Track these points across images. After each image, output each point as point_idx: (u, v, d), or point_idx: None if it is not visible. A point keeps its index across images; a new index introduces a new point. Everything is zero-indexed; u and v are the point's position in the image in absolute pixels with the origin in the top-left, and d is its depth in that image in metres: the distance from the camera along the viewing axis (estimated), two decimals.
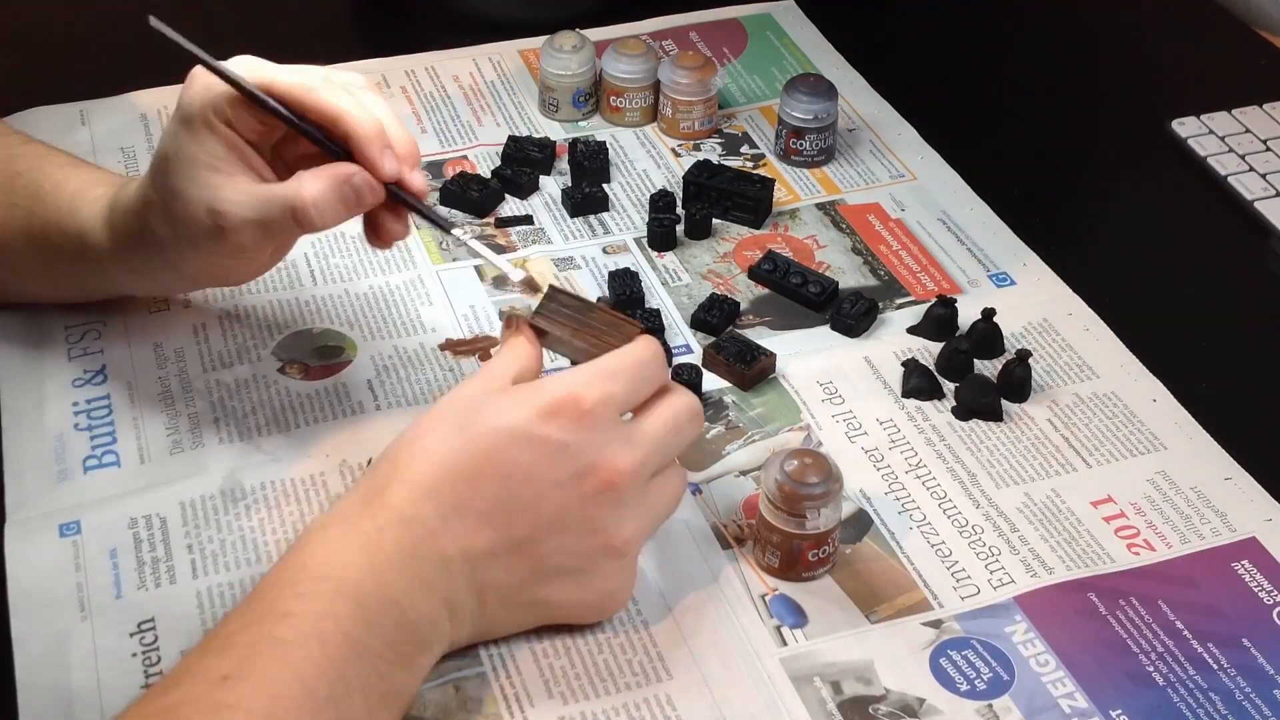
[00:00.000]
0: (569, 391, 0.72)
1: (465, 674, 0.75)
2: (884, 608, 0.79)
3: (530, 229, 1.05)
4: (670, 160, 1.12)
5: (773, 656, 0.76)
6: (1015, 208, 1.08)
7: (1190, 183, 1.13)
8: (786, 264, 1.00)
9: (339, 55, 1.22)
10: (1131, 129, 1.19)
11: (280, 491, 0.84)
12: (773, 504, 0.78)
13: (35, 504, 0.83)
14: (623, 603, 0.77)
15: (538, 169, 1.10)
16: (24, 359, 0.92)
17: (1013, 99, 1.22)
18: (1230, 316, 1.01)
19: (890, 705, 0.74)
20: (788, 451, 0.80)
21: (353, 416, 0.89)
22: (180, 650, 0.75)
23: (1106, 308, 0.99)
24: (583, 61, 1.14)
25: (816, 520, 0.78)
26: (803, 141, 1.11)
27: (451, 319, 0.97)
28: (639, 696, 0.74)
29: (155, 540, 0.81)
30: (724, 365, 0.92)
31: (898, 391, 0.93)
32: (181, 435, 0.88)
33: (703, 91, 1.13)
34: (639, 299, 0.98)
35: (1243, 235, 1.08)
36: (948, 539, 0.83)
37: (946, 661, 0.76)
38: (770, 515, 0.78)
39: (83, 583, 0.79)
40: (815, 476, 0.78)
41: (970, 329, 0.96)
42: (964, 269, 1.03)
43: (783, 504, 0.78)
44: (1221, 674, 0.76)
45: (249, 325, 0.95)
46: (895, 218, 1.07)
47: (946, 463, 0.88)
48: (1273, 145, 1.13)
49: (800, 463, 0.78)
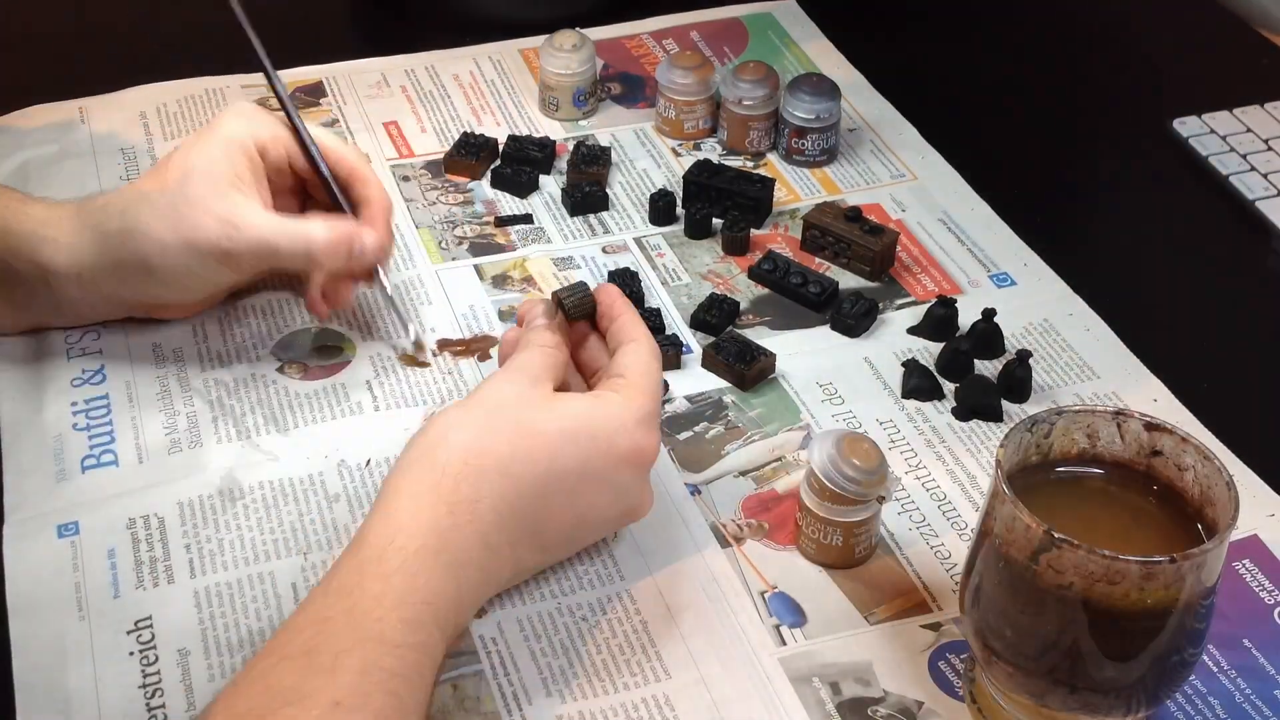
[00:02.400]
0: (638, 444, 0.75)
1: (464, 672, 0.75)
2: (883, 609, 0.79)
3: (530, 228, 1.05)
4: (670, 160, 1.12)
5: (771, 656, 0.76)
6: (1016, 208, 1.08)
7: (1191, 182, 1.13)
8: (786, 264, 1.00)
9: (339, 55, 1.22)
10: (1132, 129, 1.19)
11: (279, 491, 0.84)
12: (852, 499, 0.78)
13: (33, 504, 0.83)
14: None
15: (537, 168, 1.09)
16: (23, 359, 0.92)
17: (1014, 99, 1.22)
18: (1231, 316, 1.01)
19: (889, 708, 0.74)
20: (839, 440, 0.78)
21: (352, 416, 0.89)
22: (178, 649, 0.75)
23: (1107, 308, 0.99)
24: (583, 60, 1.14)
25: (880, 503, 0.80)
26: (805, 141, 1.11)
27: (451, 319, 0.97)
28: (637, 696, 0.74)
29: (153, 540, 0.81)
30: (724, 365, 0.92)
31: (898, 392, 0.92)
32: (180, 435, 0.88)
33: (703, 91, 1.13)
34: (639, 299, 0.98)
35: (1243, 235, 1.08)
36: (947, 541, 0.83)
37: (945, 665, 0.76)
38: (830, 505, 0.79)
39: (81, 582, 0.79)
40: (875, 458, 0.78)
41: (971, 329, 0.95)
42: (964, 269, 1.03)
43: (864, 493, 0.78)
44: (1221, 676, 0.76)
45: (248, 325, 0.95)
46: (896, 218, 1.07)
47: (946, 464, 0.88)
48: (1274, 145, 1.13)
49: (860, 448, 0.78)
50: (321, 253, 0.86)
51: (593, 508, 0.76)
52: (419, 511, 0.70)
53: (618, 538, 0.82)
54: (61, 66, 1.22)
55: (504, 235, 1.05)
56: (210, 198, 0.84)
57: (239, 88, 1.17)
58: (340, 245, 0.87)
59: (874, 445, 0.79)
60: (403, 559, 0.68)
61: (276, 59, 0.92)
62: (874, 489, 0.78)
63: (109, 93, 1.17)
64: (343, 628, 0.65)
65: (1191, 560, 0.63)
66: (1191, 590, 0.64)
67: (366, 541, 0.69)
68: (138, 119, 1.14)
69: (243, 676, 0.64)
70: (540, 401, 0.75)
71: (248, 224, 0.84)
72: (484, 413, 0.74)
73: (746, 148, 1.13)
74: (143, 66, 1.18)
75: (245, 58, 0.91)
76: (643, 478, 0.77)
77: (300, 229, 0.86)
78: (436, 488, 0.70)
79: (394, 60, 1.23)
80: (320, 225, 0.86)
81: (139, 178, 0.85)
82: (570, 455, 0.73)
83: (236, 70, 1.18)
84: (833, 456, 0.78)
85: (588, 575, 0.80)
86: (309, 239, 0.86)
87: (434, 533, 0.69)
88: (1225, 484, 0.67)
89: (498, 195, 1.08)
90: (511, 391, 0.75)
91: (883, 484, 0.79)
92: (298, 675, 0.63)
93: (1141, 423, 0.70)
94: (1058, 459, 0.71)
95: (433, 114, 1.17)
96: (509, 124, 1.16)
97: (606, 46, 1.24)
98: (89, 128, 1.13)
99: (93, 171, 1.08)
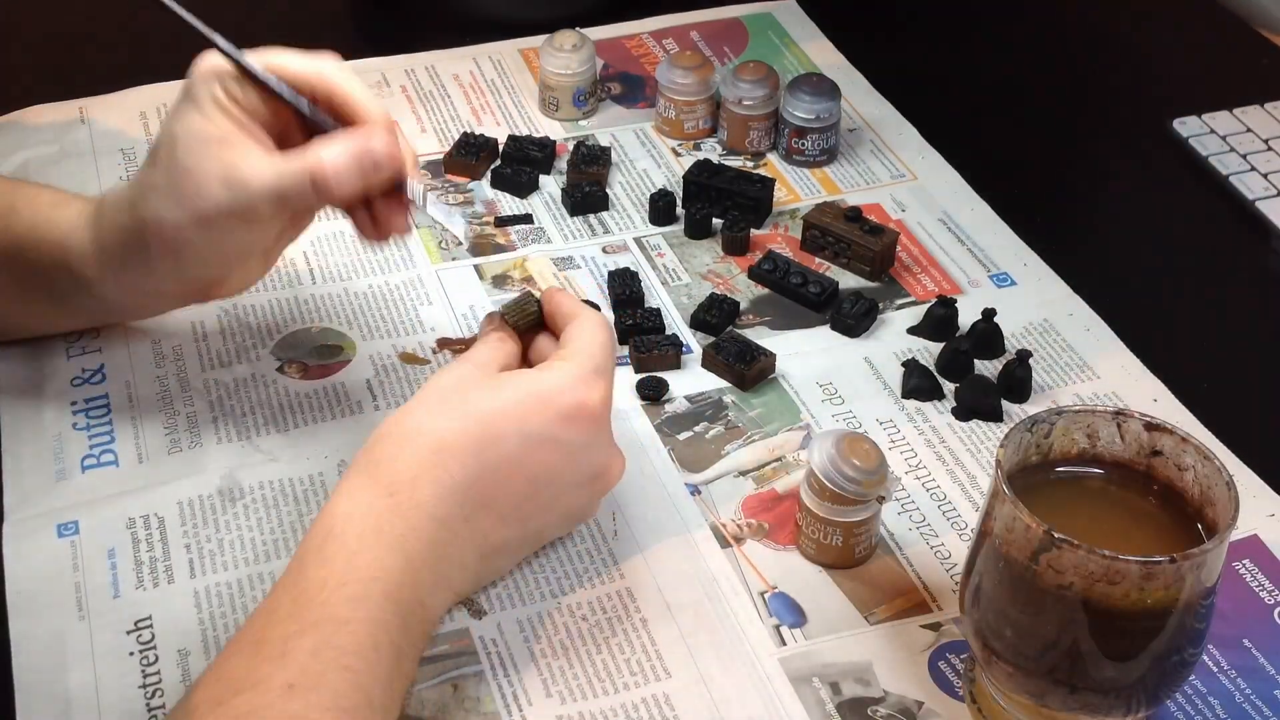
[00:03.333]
0: (579, 399, 0.75)
1: (464, 672, 0.75)
2: (883, 609, 0.79)
3: (530, 228, 1.05)
4: (670, 160, 1.12)
5: (771, 656, 0.76)
6: (1016, 208, 1.08)
7: (1191, 182, 1.12)
8: (786, 264, 1.00)
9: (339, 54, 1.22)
10: (1132, 129, 1.19)
11: (278, 491, 0.84)
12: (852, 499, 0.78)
13: (33, 503, 0.83)
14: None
15: (537, 168, 1.09)
16: (22, 358, 0.92)
17: (1014, 99, 1.22)
18: (1231, 316, 1.01)
19: (889, 708, 0.74)
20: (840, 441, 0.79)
21: (352, 416, 0.89)
22: (178, 649, 0.75)
23: (1107, 308, 0.99)
24: (583, 60, 1.14)
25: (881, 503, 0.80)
26: (805, 141, 1.11)
27: (450, 318, 0.97)
28: (637, 696, 0.74)
29: (153, 540, 0.81)
30: (724, 365, 0.92)
31: (898, 392, 0.92)
32: (180, 435, 0.88)
33: (703, 91, 1.13)
34: (639, 298, 0.98)
35: (1243, 235, 1.08)
36: (947, 541, 0.83)
37: (945, 665, 0.76)
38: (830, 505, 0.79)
39: (80, 582, 0.79)
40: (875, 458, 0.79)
41: (970, 329, 0.95)
42: (964, 269, 1.03)
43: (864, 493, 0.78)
44: (1221, 676, 0.76)
45: (248, 324, 0.95)
46: (896, 218, 1.07)
47: (946, 464, 0.88)
48: (1274, 144, 1.13)
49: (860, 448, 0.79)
50: (332, 179, 0.78)
51: (547, 470, 0.75)
52: (355, 495, 0.71)
53: (618, 535, 0.82)
54: (61, 66, 1.22)
55: (504, 235, 1.04)
56: (204, 162, 0.78)
57: None
58: (350, 164, 0.78)
59: (874, 445, 0.79)
60: (342, 542, 0.69)
61: None
62: (874, 489, 0.78)
63: (109, 93, 1.17)
64: (289, 614, 0.66)
65: (1191, 560, 0.63)
66: (1191, 590, 0.64)
67: (309, 535, 0.70)
68: (138, 119, 1.14)
69: (200, 676, 0.65)
70: (483, 381, 0.76)
71: (248, 177, 0.77)
72: (425, 397, 0.75)
73: (746, 148, 1.13)
74: (143, 66, 1.17)
75: None
76: (599, 437, 0.77)
77: (300, 163, 0.78)
78: (373, 473, 0.72)
79: (394, 60, 1.23)
80: (321, 150, 0.78)
81: (139, 170, 0.84)
82: (509, 420, 0.74)
83: None
84: (833, 457, 0.78)
85: (587, 574, 0.80)
86: (311, 170, 0.77)
87: (372, 513, 0.70)
88: (1225, 484, 0.67)
89: (498, 195, 1.08)
90: (453, 376, 0.76)
91: (883, 484, 0.79)
92: (249, 663, 0.64)
93: (1141, 423, 0.70)
94: (1058, 459, 0.71)
95: (433, 114, 1.17)
96: (509, 124, 1.16)
97: (606, 46, 1.24)
98: (89, 128, 1.13)
99: (93, 171, 1.08)
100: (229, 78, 0.79)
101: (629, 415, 0.90)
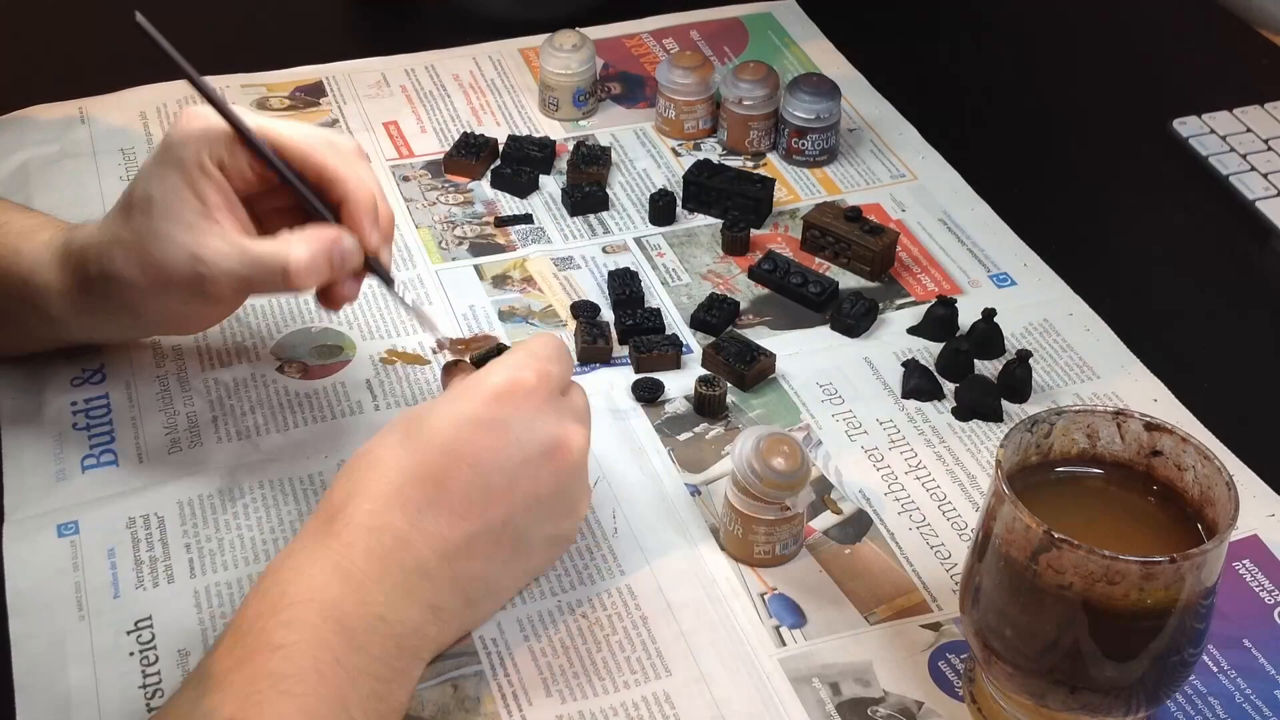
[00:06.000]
0: (509, 376, 0.74)
1: (463, 672, 0.75)
2: (883, 609, 0.79)
3: (530, 228, 1.05)
4: (670, 160, 1.12)
5: (771, 657, 0.76)
6: (1016, 208, 1.08)
7: (1191, 182, 1.13)
8: (786, 264, 1.00)
9: (339, 55, 1.22)
10: (1132, 129, 1.19)
11: (278, 491, 0.84)
12: (754, 495, 0.78)
13: (33, 504, 0.83)
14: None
15: (537, 168, 1.09)
16: (22, 358, 0.92)
17: (1014, 99, 1.22)
18: (1231, 316, 1.01)
19: (889, 708, 0.74)
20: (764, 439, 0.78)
21: (351, 416, 0.89)
22: (178, 649, 0.75)
23: (1107, 308, 0.99)
24: (583, 60, 1.14)
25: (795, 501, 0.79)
26: (805, 141, 1.11)
27: (451, 318, 0.97)
28: (637, 695, 0.74)
29: (153, 539, 0.81)
30: (724, 365, 0.92)
31: (898, 392, 0.92)
32: (180, 434, 0.88)
33: (703, 91, 1.13)
34: (639, 299, 0.98)
35: (1243, 235, 1.08)
36: (947, 540, 0.83)
37: (945, 665, 0.76)
38: (738, 494, 0.79)
39: (81, 582, 0.79)
40: (792, 463, 0.78)
41: (970, 329, 0.95)
42: (964, 269, 1.03)
43: (766, 493, 0.78)
44: (1221, 676, 0.76)
45: (248, 324, 0.95)
46: (896, 218, 1.07)
47: (946, 464, 0.88)
48: (1274, 144, 1.13)
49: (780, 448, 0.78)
50: (299, 275, 0.78)
51: (491, 451, 0.72)
52: (300, 535, 0.71)
53: (618, 534, 0.82)
54: (61, 66, 1.22)
55: (504, 235, 1.05)
56: (176, 232, 0.77)
57: (239, 87, 1.17)
58: (318, 262, 0.78)
59: (796, 450, 0.78)
60: (277, 576, 0.69)
61: (277, 59, 0.91)
62: (778, 491, 0.78)
63: (109, 93, 1.17)
64: (228, 650, 0.66)
65: (1191, 560, 0.63)
66: (1191, 590, 0.64)
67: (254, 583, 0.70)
68: (138, 119, 1.14)
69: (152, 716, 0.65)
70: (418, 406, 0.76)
71: (216, 257, 0.77)
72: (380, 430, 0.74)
73: (746, 148, 1.13)
74: (143, 66, 1.17)
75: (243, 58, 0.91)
76: (540, 411, 0.74)
77: (273, 255, 0.78)
78: (318, 511, 0.72)
79: (394, 60, 1.23)
80: (295, 246, 0.78)
81: (112, 209, 0.81)
82: (440, 415, 0.73)
83: (236, 70, 1.18)
84: (752, 448, 0.78)
85: (587, 572, 0.80)
86: (282, 263, 0.78)
87: (308, 543, 0.70)
88: (1225, 484, 0.67)
89: (498, 195, 1.08)
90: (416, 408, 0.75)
91: (792, 491, 0.78)
92: (193, 701, 0.64)
93: (1141, 423, 0.70)
94: (1058, 459, 0.71)
95: (433, 114, 1.17)
96: (509, 124, 1.16)
97: (606, 46, 1.24)
98: (89, 127, 1.13)
99: (93, 171, 1.08)
100: (219, 141, 0.78)
101: (628, 415, 0.90)
